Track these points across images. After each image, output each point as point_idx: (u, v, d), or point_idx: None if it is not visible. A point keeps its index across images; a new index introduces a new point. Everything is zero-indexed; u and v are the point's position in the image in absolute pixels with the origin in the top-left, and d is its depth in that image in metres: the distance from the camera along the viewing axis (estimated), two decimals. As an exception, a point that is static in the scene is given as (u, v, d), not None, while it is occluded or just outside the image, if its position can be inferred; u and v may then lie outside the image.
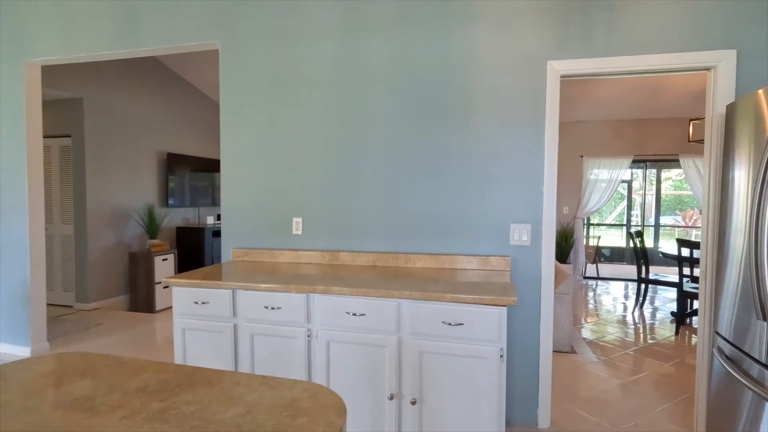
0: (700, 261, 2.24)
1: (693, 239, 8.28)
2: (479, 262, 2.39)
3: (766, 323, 1.56)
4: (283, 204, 2.71)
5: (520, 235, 2.36)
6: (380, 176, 2.55)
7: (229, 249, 2.80)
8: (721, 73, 2.09)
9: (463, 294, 1.81)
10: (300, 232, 2.68)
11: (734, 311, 1.82)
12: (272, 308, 2.03)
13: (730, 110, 1.89)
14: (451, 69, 2.42)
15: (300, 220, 2.68)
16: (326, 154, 2.62)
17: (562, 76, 2.30)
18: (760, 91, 1.75)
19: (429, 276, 2.20)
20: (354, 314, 1.93)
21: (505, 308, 1.78)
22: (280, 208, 2.72)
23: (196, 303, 2.13)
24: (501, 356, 1.78)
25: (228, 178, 2.80)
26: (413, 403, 1.87)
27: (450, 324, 1.82)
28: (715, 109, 2.13)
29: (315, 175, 2.65)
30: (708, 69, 2.15)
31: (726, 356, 1.81)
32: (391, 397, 1.90)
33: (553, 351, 3.59)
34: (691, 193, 9.09)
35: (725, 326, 1.83)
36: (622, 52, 2.20)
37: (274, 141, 2.71)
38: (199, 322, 2.14)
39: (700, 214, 7.51)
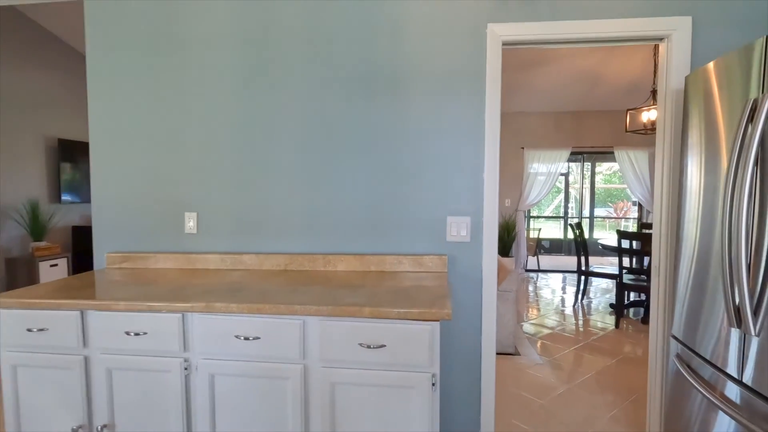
0: (652, 255, 2.01)
1: (621, 229, 8.61)
2: (412, 262, 2.01)
3: (740, 331, 1.31)
4: (172, 196, 2.17)
5: (458, 229, 2.00)
6: (293, 161, 2.08)
7: (102, 254, 2.21)
8: (675, 43, 1.85)
9: (385, 307, 1.40)
10: (194, 231, 2.16)
11: (685, 305, 1.59)
12: (136, 334, 1.52)
13: (686, 86, 1.65)
14: (378, 33, 2.00)
15: (194, 215, 2.15)
16: (226, 134, 2.12)
17: (504, 43, 1.96)
18: (710, 65, 1.51)
19: (350, 282, 1.79)
20: (246, 338, 1.47)
21: (438, 323, 1.40)
22: (169, 200, 2.17)
23: (30, 330, 1.56)
24: (433, 384, 1.40)
25: (99, 164, 2.20)
26: (324, 449, 1.45)
27: (369, 347, 1.42)
28: (669, 85, 1.90)
29: (212, 159, 2.13)
30: (661, 39, 1.91)
31: (687, 365, 1.56)
32: (296, 444, 1.46)
33: (496, 353, 3.33)
34: (620, 186, 9.49)
35: (680, 327, 1.58)
36: (570, 16, 1.90)
37: (159, 117, 2.15)
38: (35, 355, 1.57)
39: (633, 205, 7.77)
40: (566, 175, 8.46)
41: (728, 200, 1.29)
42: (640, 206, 7.19)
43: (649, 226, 5.14)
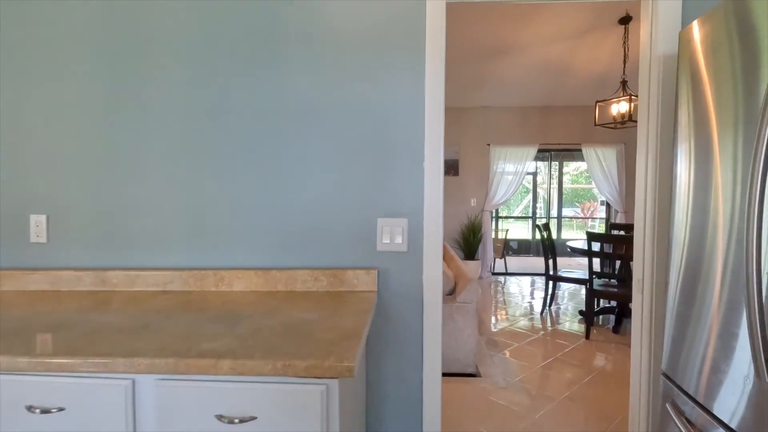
0: (635, 267, 1.62)
1: (588, 229, 8.44)
2: (331, 279, 1.53)
3: (772, 385, 0.90)
4: (12, 192, 1.61)
5: (392, 235, 1.54)
6: (177, 148, 1.57)
7: None
8: (662, -3, 1.46)
9: (257, 358, 0.92)
10: (44, 239, 1.61)
11: (673, 332, 1.20)
12: None
13: (680, 46, 1.25)
14: (288, -20, 1.52)
15: (43, 218, 1.61)
16: (85, 112, 1.58)
17: (448, -6, 1.52)
18: (694, 24, 1.14)
19: (238, 309, 1.29)
20: (44, 410, 0.96)
21: (336, 381, 0.93)
22: (8, 198, 1.62)
23: None
24: (330, 473, 0.93)
25: None
26: None
27: (233, 420, 0.93)
28: (654, 50, 1.50)
29: (67, 144, 1.59)
30: (644, -7, 1.52)
31: (687, 419, 1.16)
32: None
33: (455, 374, 2.91)
34: (587, 186, 9.36)
35: (668, 360, 1.18)
36: (531, -40, 1.48)
37: (-7, 86, 1.59)
38: None
39: (600, 204, 7.55)
40: (534, 174, 8.21)
41: (756, 197, 0.88)
42: (608, 206, 6.98)
43: (619, 226, 4.87)
